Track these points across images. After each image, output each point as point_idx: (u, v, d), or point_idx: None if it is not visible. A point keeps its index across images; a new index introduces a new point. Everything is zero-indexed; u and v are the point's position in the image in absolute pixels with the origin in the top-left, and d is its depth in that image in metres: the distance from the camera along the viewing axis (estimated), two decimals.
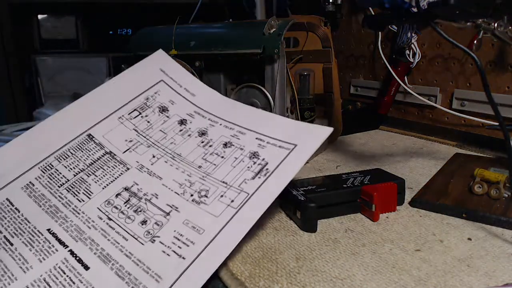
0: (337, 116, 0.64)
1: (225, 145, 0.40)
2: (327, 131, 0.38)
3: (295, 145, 0.38)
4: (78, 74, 1.07)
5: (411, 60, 0.72)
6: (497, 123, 0.55)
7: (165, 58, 0.51)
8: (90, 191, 0.37)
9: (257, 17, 0.92)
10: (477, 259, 0.32)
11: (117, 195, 0.36)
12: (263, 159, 0.38)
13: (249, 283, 0.30)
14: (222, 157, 0.39)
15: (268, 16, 0.87)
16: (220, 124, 0.43)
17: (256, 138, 0.40)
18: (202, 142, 0.41)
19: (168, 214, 0.34)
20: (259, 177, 0.36)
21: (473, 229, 0.37)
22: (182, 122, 0.44)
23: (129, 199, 0.36)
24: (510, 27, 0.38)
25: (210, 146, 0.41)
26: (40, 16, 1.10)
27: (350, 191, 0.40)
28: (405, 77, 0.74)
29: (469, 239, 0.35)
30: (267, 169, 0.36)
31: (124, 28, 1.16)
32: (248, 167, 0.37)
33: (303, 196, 0.38)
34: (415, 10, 0.39)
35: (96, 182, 0.37)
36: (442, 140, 0.68)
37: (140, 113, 0.45)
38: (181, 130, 0.43)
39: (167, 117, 0.45)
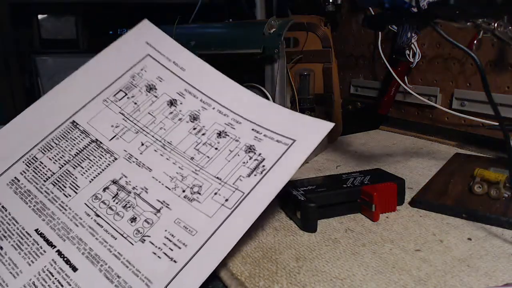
0: (337, 116, 0.64)
1: (219, 134, 0.38)
2: (328, 125, 0.36)
3: (293, 140, 0.36)
4: None
5: (411, 60, 0.72)
6: (497, 123, 0.55)
7: (151, 29, 0.47)
8: (76, 185, 0.35)
9: (257, 17, 0.92)
10: (477, 259, 0.32)
11: (104, 189, 0.35)
12: (260, 154, 0.36)
13: (249, 283, 0.29)
14: (216, 148, 0.37)
15: (268, 16, 0.87)
16: (213, 108, 0.40)
17: (252, 129, 0.38)
18: (194, 128, 0.39)
19: (158, 211, 0.33)
20: (255, 175, 0.34)
21: (473, 229, 0.37)
22: (172, 103, 0.41)
23: (117, 193, 0.34)
24: (510, 27, 0.38)
25: (203, 134, 0.38)
26: (40, 16, 1.10)
27: (350, 191, 0.40)
28: (405, 77, 0.74)
29: (469, 239, 0.35)
30: (263, 166, 0.35)
31: (124, 28, 1.16)
32: (244, 163, 0.35)
33: (303, 196, 0.38)
34: (415, 10, 0.39)
35: (82, 175, 0.36)
36: (442, 140, 0.68)
37: (126, 94, 0.41)
38: (171, 113, 0.40)
39: (155, 96, 0.41)
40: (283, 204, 0.42)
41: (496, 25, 0.37)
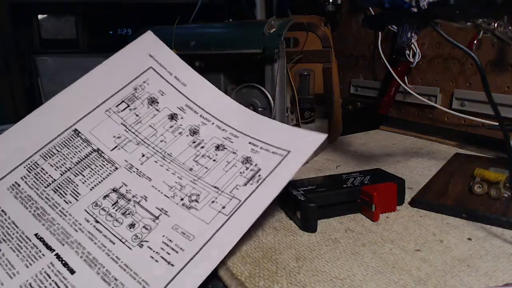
0: (337, 116, 0.64)
1: (217, 147, 0.39)
2: (321, 137, 0.37)
3: (288, 151, 0.37)
4: (78, 74, 1.07)
5: (411, 60, 0.72)
6: (497, 123, 0.55)
7: (154, 41, 0.48)
8: (77, 192, 0.36)
9: (257, 17, 0.92)
10: (477, 259, 0.32)
11: (105, 197, 0.35)
12: (256, 165, 0.37)
13: (249, 283, 0.30)
14: (214, 160, 0.38)
15: (268, 16, 0.87)
16: (212, 123, 0.42)
17: (249, 143, 0.39)
18: (194, 142, 0.40)
19: (157, 218, 0.33)
20: (251, 184, 0.35)
21: (473, 229, 0.37)
22: (173, 117, 0.42)
23: (117, 201, 0.35)
24: (510, 27, 0.38)
25: (202, 147, 0.40)
26: (40, 16, 1.10)
27: (350, 191, 0.40)
28: (405, 77, 0.74)
29: (469, 239, 0.35)
30: (259, 175, 0.36)
31: (124, 28, 1.16)
32: (241, 173, 0.36)
33: (303, 196, 0.38)
34: (415, 10, 0.39)
35: (83, 183, 0.36)
36: (442, 140, 0.68)
37: (128, 105, 0.42)
38: (171, 127, 0.41)
39: (157, 110, 0.42)
40: (283, 204, 0.42)
41: (496, 25, 0.37)
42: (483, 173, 0.42)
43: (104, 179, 0.37)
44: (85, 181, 0.37)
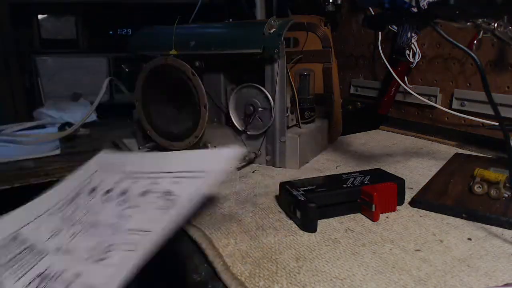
0: (337, 116, 0.64)
1: (143, 193, 0.39)
2: (234, 152, 0.38)
3: (203, 171, 0.38)
4: (78, 74, 1.07)
5: (411, 60, 0.72)
6: (497, 123, 0.55)
7: (104, 155, 0.50)
8: (3, 286, 0.35)
9: (257, 17, 0.92)
10: (477, 259, 0.32)
11: (29, 283, 0.35)
12: (176, 194, 0.37)
13: (249, 283, 0.30)
14: (138, 206, 0.38)
15: (268, 16, 0.87)
16: (144, 178, 0.42)
17: (173, 177, 0.40)
18: (122, 200, 0.40)
19: (71, 283, 0.33)
20: (167, 208, 0.35)
21: (473, 229, 0.37)
22: (108, 191, 0.43)
23: (38, 285, 0.34)
24: (510, 27, 0.38)
25: (125, 201, 0.40)
26: (40, 16, 1.10)
27: (350, 191, 0.40)
28: (405, 77, 0.74)
29: (469, 239, 0.35)
30: (175, 200, 0.36)
31: (124, 28, 1.16)
32: (160, 207, 0.37)
33: (303, 196, 0.38)
34: (415, 10, 0.39)
35: (11, 275, 0.36)
36: (442, 140, 0.68)
37: (70, 203, 0.44)
38: (106, 200, 0.42)
39: (95, 194, 0.43)
40: (283, 204, 0.42)
41: (496, 25, 0.37)
42: (483, 173, 0.42)
43: (31, 268, 0.37)
44: (13, 273, 0.37)
